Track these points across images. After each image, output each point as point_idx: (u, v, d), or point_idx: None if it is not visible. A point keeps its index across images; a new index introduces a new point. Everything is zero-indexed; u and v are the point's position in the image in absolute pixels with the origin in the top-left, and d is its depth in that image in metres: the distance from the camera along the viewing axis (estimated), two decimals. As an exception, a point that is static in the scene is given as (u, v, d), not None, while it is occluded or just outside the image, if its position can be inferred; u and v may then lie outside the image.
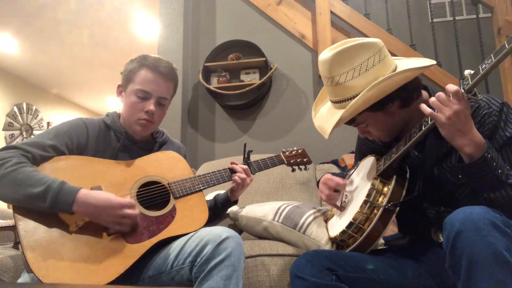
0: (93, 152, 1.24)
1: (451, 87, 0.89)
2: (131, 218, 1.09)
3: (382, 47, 1.04)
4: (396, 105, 1.06)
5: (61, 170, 1.12)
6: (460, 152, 0.94)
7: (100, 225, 1.09)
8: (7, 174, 1.04)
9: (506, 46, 0.81)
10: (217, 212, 1.48)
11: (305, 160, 1.55)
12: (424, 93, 1.12)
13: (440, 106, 0.90)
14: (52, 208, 1.03)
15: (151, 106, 1.26)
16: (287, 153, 1.55)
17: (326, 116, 1.15)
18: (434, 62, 1.04)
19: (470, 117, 0.91)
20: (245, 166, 1.41)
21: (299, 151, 1.57)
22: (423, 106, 0.95)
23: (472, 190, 1.02)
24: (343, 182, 1.25)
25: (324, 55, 1.06)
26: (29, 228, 1.03)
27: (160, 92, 1.28)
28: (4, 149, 1.10)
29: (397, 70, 1.02)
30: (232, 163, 1.42)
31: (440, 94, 0.91)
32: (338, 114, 1.05)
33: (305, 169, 1.55)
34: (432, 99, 0.92)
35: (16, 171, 1.04)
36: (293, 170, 1.53)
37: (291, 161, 1.53)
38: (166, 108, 1.34)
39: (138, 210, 1.12)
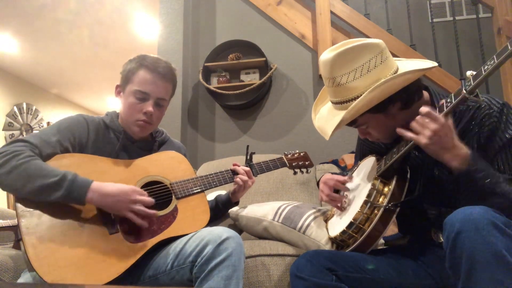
0: (93, 150, 1.24)
1: (423, 109, 0.93)
2: (144, 202, 1.11)
3: (384, 48, 1.04)
4: (397, 107, 1.06)
5: (65, 168, 1.12)
6: (448, 166, 0.96)
7: (102, 224, 1.10)
8: (20, 165, 1.05)
9: (509, 47, 0.81)
10: (218, 213, 1.48)
11: (307, 163, 1.56)
12: (426, 94, 1.12)
13: (418, 129, 0.94)
14: (66, 197, 1.04)
15: (149, 107, 1.25)
16: (289, 156, 1.56)
17: (326, 117, 1.15)
18: (435, 64, 1.03)
19: (452, 133, 0.93)
20: (247, 168, 1.41)
21: (301, 154, 1.58)
22: (402, 132, 0.98)
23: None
24: (343, 179, 1.26)
25: (325, 55, 1.05)
26: (31, 225, 1.03)
27: (158, 93, 1.27)
28: (14, 142, 1.11)
29: (399, 72, 1.02)
30: (234, 165, 1.42)
31: (418, 117, 0.95)
32: (339, 115, 1.05)
33: (307, 172, 1.56)
34: (412, 123, 0.96)
35: (29, 163, 1.06)
36: (295, 173, 1.54)
37: (293, 164, 1.54)
38: (165, 109, 1.34)
39: (151, 198, 1.14)
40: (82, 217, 1.09)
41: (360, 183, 1.21)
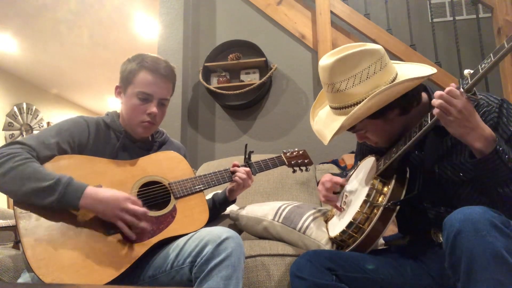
0: (93, 151, 1.24)
1: (447, 89, 0.90)
2: (136, 213, 1.09)
3: (383, 54, 1.04)
4: (395, 113, 1.07)
5: (63, 169, 1.12)
6: (471, 148, 0.93)
7: (101, 224, 1.10)
8: (16, 167, 1.04)
9: (506, 45, 0.81)
10: (215, 212, 1.48)
11: (306, 161, 1.55)
12: (424, 96, 1.12)
13: (443, 106, 0.90)
14: (60, 201, 1.03)
15: (153, 108, 1.26)
16: (288, 154, 1.55)
17: (325, 121, 1.15)
18: (434, 70, 1.03)
19: (474, 112, 0.90)
20: (248, 169, 1.41)
21: (300, 152, 1.57)
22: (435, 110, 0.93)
23: (472, 190, 1.02)
24: (342, 181, 1.26)
25: (325, 61, 1.05)
26: (29, 226, 1.03)
27: (161, 94, 1.28)
28: (11, 144, 1.11)
29: (398, 78, 1.02)
30: (234, 165, 1.41)
31: (440, 93, 0.90)
32: (338, 121, 1.05)
33: (306, 170, 1.55)
34: (437, 101, 0.91)
35: (25, 165, 1.05)
36: (294, 171, 1.53)
37: (292, 162, 1.53)
38: (166, 108, 1.34)
39: (144, 208, 1.11)
40: (81, 218, 1.09)
41: (360, 183, 1.21)
